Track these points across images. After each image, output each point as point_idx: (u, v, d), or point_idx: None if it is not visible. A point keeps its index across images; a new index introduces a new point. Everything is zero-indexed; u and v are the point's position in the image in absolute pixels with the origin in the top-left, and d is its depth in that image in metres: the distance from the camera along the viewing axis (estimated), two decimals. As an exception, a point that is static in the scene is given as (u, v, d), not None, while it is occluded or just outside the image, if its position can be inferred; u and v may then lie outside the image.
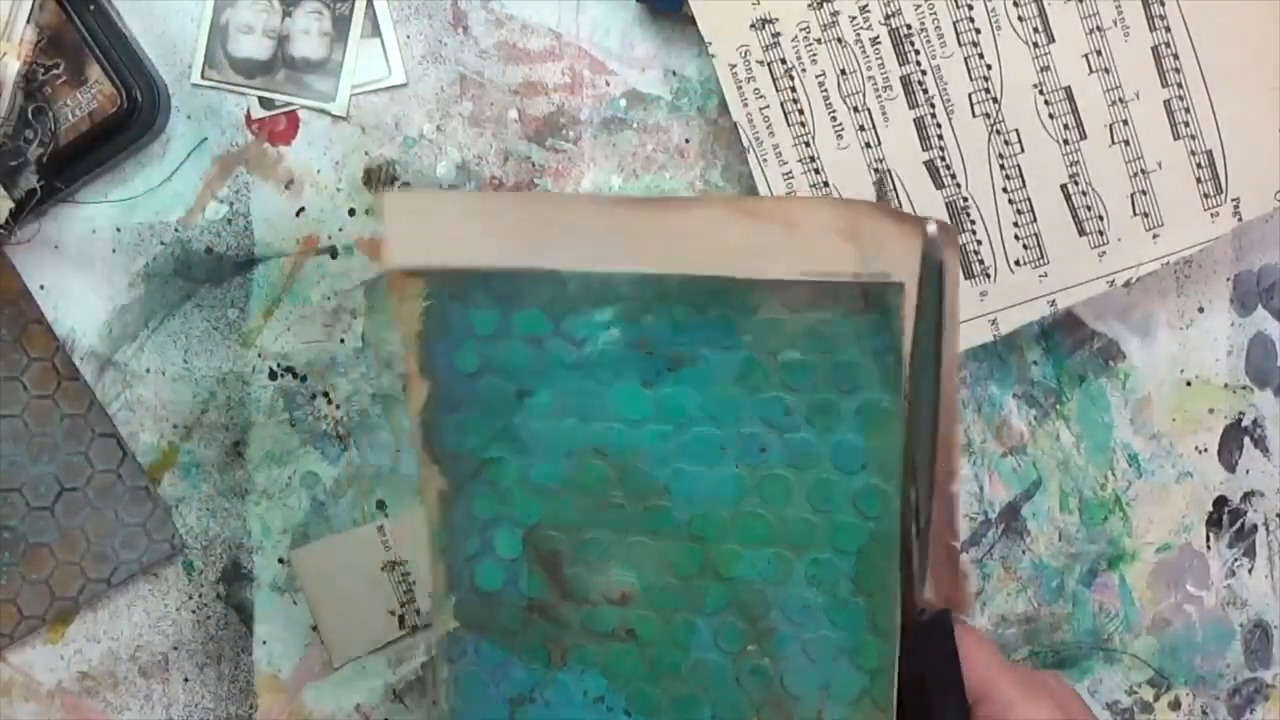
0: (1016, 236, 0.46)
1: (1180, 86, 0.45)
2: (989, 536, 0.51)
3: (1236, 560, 0.52)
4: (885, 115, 0.46)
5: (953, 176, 0.46)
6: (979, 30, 0.45)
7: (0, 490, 0.49)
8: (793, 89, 0.46)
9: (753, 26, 0.45)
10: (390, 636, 0.50)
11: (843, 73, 0.46)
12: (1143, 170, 0.46)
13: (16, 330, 0.49)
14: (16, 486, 0.49)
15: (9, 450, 0.49)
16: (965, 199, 0.46)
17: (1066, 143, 0.46)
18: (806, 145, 0.46)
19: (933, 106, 0.46)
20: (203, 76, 0.48)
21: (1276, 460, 0.52)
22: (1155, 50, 0.45)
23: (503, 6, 0.48)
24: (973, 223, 0.46)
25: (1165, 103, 0.45)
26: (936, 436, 0.34)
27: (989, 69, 0.45)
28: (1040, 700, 0.35)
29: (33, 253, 0.49)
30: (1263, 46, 0.45)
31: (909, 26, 0.45)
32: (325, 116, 0.49)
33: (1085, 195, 0.46)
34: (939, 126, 0.46)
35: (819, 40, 0.45)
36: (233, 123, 0.49)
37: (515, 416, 0.35)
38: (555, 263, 0.35)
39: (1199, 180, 0.46)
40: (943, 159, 0.46)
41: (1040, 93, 0.45)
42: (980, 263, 0.47)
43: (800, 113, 0.46)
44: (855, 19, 0.45)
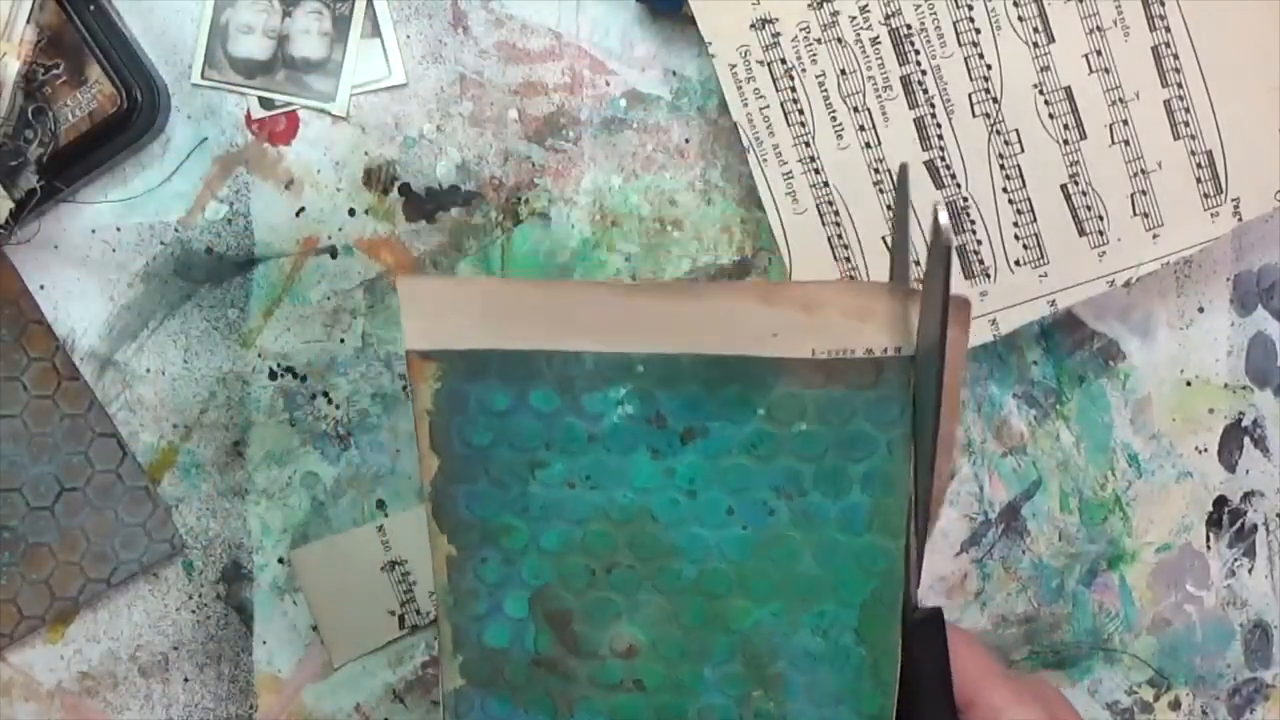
0: (1016, 236, 0.46)
1: (1180, 86, 0.45)
2: (989, 536, 0.51)
3: (1236, 560, 0.52)
4: (885, 115, 0.46)
5: (953, 176, 0.46)
6: (979, 30, 0.45)
7: (0, 490, 0.49)
8: (793, 89, 0.46)
9: (753, 26, 0.45)
10: (390, 636, 0.50)
11: (843, 73, 0.46)
12: (1143, 170, 0.46)
13: (16, 330, 0.49)
14: (16, 486, 0.49)
15: (9, 450, 0.49)
16: (965, 199, 0.46)
17: (1066, 143, 0.46)
18: (806, 145, 0.46)
19: (933, 106, 0.46)
20: (203, 76, 0.48)
21: (1276, 460, 0.52)
22: (1155, 50, 0.45)
23: (503, 6, 0.48)
24: (973, 223, 0.46)
25: (1165, 103, 0.45)
26: (936, 443, 0.34)
27: (989, 69, 0.45)
28: (1029, 706, 0.35)
29: (33, 253, 0.49)
30: (1263, 46, 0.45)
31: (909, 26, 0.45)
32: (325, 116, 0.49)
33: (1085, 195, 0.46)
34: (939, 126, 0.46)
35: (819, 40, 0.45)
36: (233, 123, 0.49)
37: (528, 486, 0.35)
38: (571, 345, 0.34)
39: (1199, 180, 0.46)
40: (943, 159, 0.46)
41: (1040, 93, 0.45)
42: (980, 262, 0.47)
43: (800, 113, 0.46)
44: (855, 19, 0.45)
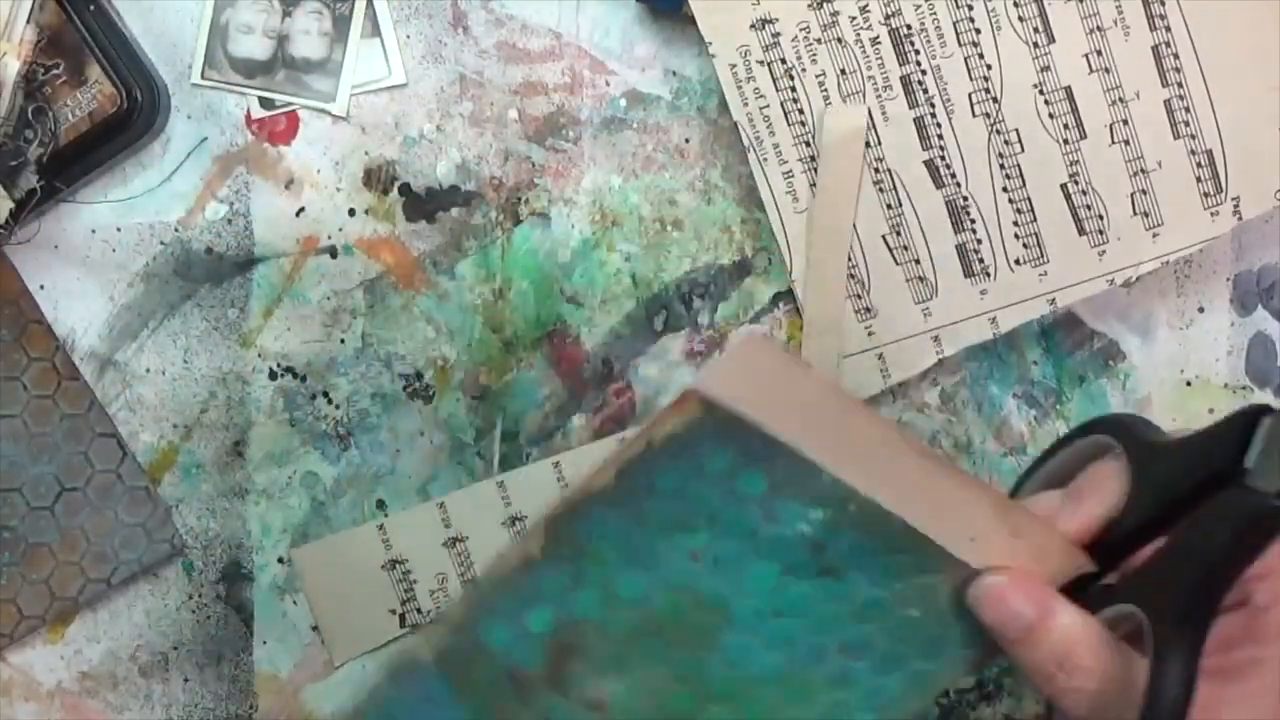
0: (1016, 235, 0.46)
1: (1180, 86, 0.45)
2: (989, 536, 0.51)
3: (1237, 560, 0.52)
4: (885, 115, 0.46)
5: (953, 176, 0.46)
6: (979, 30, 0.45)
7: (0, 490, 0.49)
8: (793, 89, 0.46)
9: (753, 26, 0.45)
10: (390, 636, 0.50)
11: (843, 73, 0.46)
12: (1143, 170, 0.46)
13: (16, 330, 0.49)
14: (16, 486, 0.49)
15: (9, 450, 0.49)
16: (965, 199, 0.46)
17: (1066, 142, 0.46)
18: (806, 145, 0.46)
19: (933, 106, 0.46)
20: (203, 76, 0.48)
21: (1276, 460, 0.52)
22: (1155, 50, 0.45)
23: (503, 6, 0.48)
24: (973, 222, 0.46)
25: (1165, 102, 0.45)
26: None
27: (989, 69, 0.45)
28: None
29: (33, 253, 0.49)
30: (1263, 46, 0.45)
31: (909, 26, 0.45)
32: (325, 116, 0.49)
33: (1085, 195, 0.46)
34: (939, 126, 0.46)
35: (819, 40, 0.45)
36: (233, 123, 0.49)
37: (657, 540, 0.34)
38: (815, 456, 0.34)
39: (1199, 180, 0.46)
40: (943, 159, 0.46)
41: (1040, 93, 0.45)
42: (980, 262, 0.47)
43: (800, 113, 0.46)
44: (855, 19, 0.45)
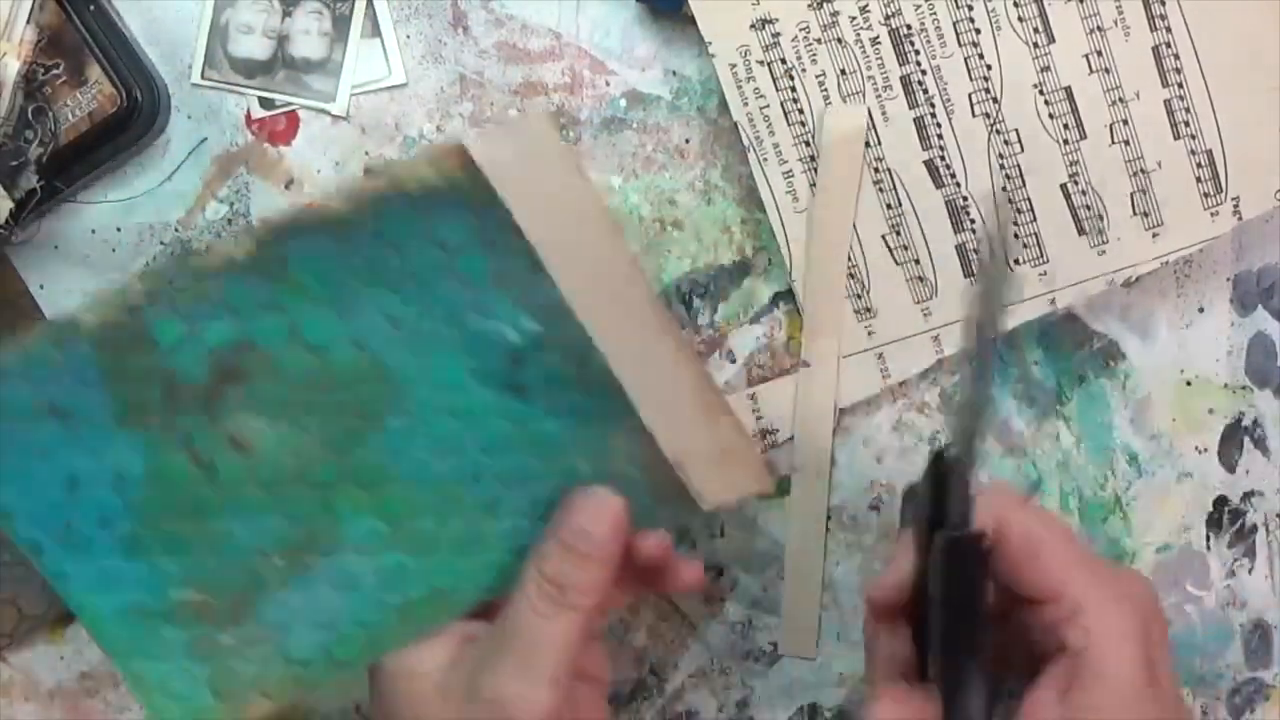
0: (1016, 235, 0.46)
1: (1180, 86, 0.45)
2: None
3: (1236, 560, 0.52)
4: (885, 115, 0.46)
5: (952, 176, 0.46)
6: (979, 30, 0.45)
7: (0, 490, 0.49)
8: (793, 89, 0.46)
9: (753, 26, 0.45)
10: (390, 636, 0.50)
11: (843, 73, 0.46)
12: (1143, 170, 0.46)
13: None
14: (16, 486, 0.49)
15: (9, 450, 0.49)
16: (965, 199, 0.46)
17: (1066, 142, 0.46)
18: (806, 145, 0.46)
19: (933, 106, 0.46)
20: (203, 76, 0.48)
21: (1276, 460, 0.52)
22: (1155, 50, 0.45)
23: (503, 6, 0.48)
24: (973, 222, 0.46)
25: (1165, 102, 0.45)
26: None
27: (989, 69, 0.45)
28: (1119, 606, 0.31)
29: (33, 253, 0.49)
30: (1263, 46, 0.45)
31: (909, 26, 0.45)
32: (325, 116, 0.49)
33: (1085, 195, 0.46)
34: (939, 126, 0.46)
35: (819, 40, 0.45)
36: (233, 123, 0.49)
37: (362, 290, 0.37)
38: (555, 271, 0.37)
39: (1199, 180, 0.46)
40: (943, 159, 0.46)
41: (1040, 93, 0.45)
42: (980, 261, 0.47)
43: (800, 113, 0.46)
44: (855, 19, 0.45)
